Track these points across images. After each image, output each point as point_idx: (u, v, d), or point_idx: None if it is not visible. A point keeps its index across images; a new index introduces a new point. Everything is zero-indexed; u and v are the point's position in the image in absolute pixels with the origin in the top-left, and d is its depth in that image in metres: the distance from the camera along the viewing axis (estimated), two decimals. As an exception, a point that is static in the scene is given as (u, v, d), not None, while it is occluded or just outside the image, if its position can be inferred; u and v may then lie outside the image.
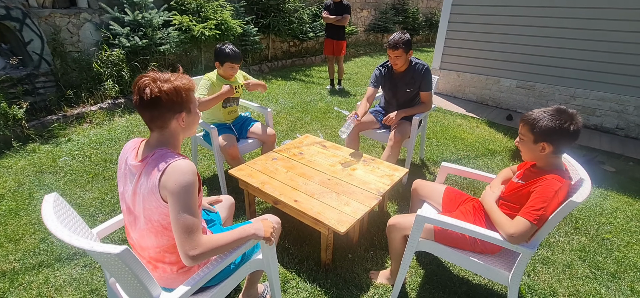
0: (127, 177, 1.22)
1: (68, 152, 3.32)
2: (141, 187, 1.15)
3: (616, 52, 4.22)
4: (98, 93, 4.27)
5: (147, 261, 1.27)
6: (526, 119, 1.51)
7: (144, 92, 1.12)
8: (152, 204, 1.14)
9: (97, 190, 2.78)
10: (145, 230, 1.19)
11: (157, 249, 1.22)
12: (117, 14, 4.68)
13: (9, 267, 2.02)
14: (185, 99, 1.20)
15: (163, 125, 1.19)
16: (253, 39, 6.38)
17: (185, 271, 1.29)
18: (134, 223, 1.23)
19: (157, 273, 1.28)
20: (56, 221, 1.09)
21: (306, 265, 2.08)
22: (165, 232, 1.18)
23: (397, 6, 11.40)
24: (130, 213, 1.23)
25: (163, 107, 1.15)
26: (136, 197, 1.18)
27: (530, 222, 1.40)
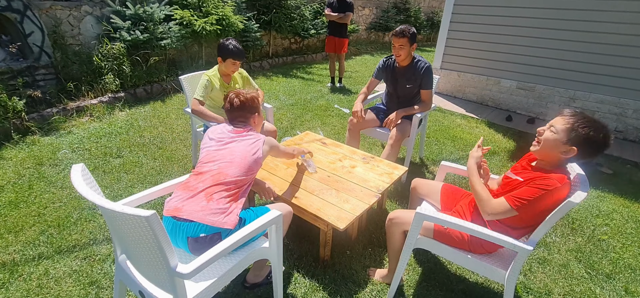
0: (224, 138, 1.76)
1: (68, 145, 3.32)
2: (241, 143, 1.73)
3: (616, 55, 4.24)
4: (98, 86, 4.27)
5: (209, 186, 1.57)
6: (568, 118, 1.43)
7: (233, 100, 1.82)
8: (250, 152, 1.70)
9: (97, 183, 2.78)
10: (234, 165, 1.64)
11: (234, 177, 1.61)
12: (119, 7, 4.67)
13: (9, 258, 2.03)
14: (256, 105, 1.89)
15: (245, 120, 1.86)
16: (254, 35, 6.37)
17: (223, 210, 1.52)
18: (215, 160, 1.67)
19: (202, 204, 1.51)
20: (86, 186, 1.13)
21: (305, 261, 2.10)
22: (247, 169, 1.67)
23: (399, 5, 11.39)
24: (212, 155, 1.70)
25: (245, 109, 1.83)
26: (234, 146, 1.72)
27: (511, 207, 1.45)
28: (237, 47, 2.59)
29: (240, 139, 1.75)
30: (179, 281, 1.16)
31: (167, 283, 1.19)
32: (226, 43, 2.58)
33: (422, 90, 2.89)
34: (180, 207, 1.51)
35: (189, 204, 1.51)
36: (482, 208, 1.55)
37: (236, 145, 1.72)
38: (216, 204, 1.51)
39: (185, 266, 1.15)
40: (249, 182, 1.71)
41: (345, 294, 1.91)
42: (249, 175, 1.69)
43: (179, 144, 3.52)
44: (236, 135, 1.76)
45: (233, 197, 1.59)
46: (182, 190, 1.59)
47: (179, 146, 3.47)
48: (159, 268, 1.18)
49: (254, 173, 1.73)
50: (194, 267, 1.15)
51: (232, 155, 1.67)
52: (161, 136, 3.65)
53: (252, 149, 1.71)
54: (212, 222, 1.46)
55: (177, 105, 4.52)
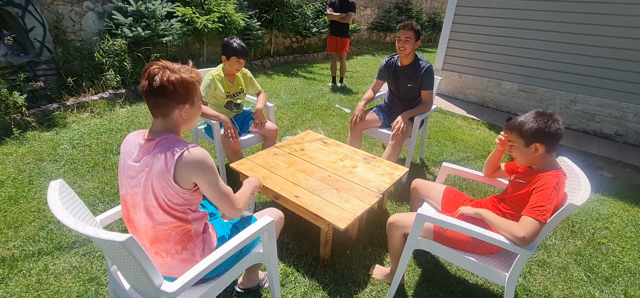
0: (131, 159, 1.24)
1: (68, 141, 3.32)
2: (150, 167, 1.19)
3: (617, 59, 4.24)
4: (99, 83, 4.26)
5: (149, 246, 1.28)
6: (511, 125, 1.59)
7: (153, 80, 1.16)
8: (162, 183, 1.18)
9: (97, 179, 2.78)
10: (147, 209, 1.22)
11: (156, 229, 1.24)
12: (120, 3, 4.66)
13: (9, 253, 2.02)
14: (190, 91, 1.24)
15: (166, 113, 1.23)
16: (256, 34, 6.36)
17: (186, 259, 1.30)
18: (136, 206, 1.26)
19: (159, 261, 1.30)
20: (62, 207, 1.09)
21: (305, 260, 2.10)
22: (169, 212, 1.22)
23: (400, 5, 11.38)
24: (131, 197, 1.26)
25: (168, 96, 1.19)
26: (141, 176, 1.20)
27: (538, 220, 1.41)
28: (241, 45, 2.58)
29: (152, 161, 1.19)
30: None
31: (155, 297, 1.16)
32: (230, 41, 2.58)
33: (422, 91, 2.89)
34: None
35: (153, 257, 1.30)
36: (514, 235, 1.44)
37: (147, 176, 1.19)
38: (172, 260, 1.29)
39: (170, 284, 1.11)
40: (197, 219, 1.32)
41: (345, 294, 1.91)
42: (188, 214, 1.27)
43: (180, 141, 3.52)
44: (146, 155, 1.20)
45: (186, 239, 1.30)
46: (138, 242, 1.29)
47: (179, 143, 3.46)
48: (145, 283, 1.13)
49: (191, 208, 1.28)
50: (179, 285, 1.11)
51: (148, 197, 1.20)
52: (162, 133, 3.65)
53: (164, 179, 1.17)
54: (187, 260, 1.30)
55: (177, 103, 4.52)
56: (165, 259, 1.29)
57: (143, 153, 1.21)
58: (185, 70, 1.23)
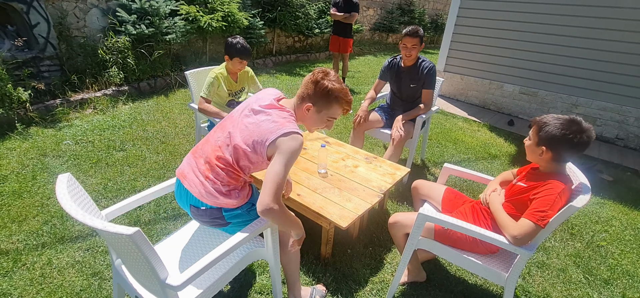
0: (258, 103, 1.46)
1: (71, 137, 3.34)
2: (261, 122, 1.39)
3: (619, 63, 4.25)
4: (102, 79, 4.28)
5: (203, 163, 1.47)
6: (537, 120, 1.55)
7: (316, 72, 1.46)
8: (255, 133, 1.38)
9: (100, 175, 2.80)
10: (230, 139, 1.42)
11: (219, 155, 1.43)
12: (125, 1, 4.68)
13: (12, 247, 2.04)
14: (323, 98, 1.44)
15: (299, 97, 1.47)
16: (259, 32, 6.38)
17: (224, 194, 1.43)
18: (224, 129, 1.48)
19: (199, 181, 1.45)
20: (70, 200, 1.11)
21: (306, 259, 2.11)
22: (239, 158, 1.41)
23: (403, 6, 11.38)
24: (224, 129, 1.48)
25: (307, 86, 1.45)
26: (251, 120, 1.42)
27: (535, 223, 1.42)
28: (244, 46, 2.60)
29: (265, 113, 1.41)
30: (171, 292, 1.15)
31: (160, 291, 1.18)
32: (233, 42, 2.59)
33: (423, 90, 2.91)
34: (186, 174, 1.49)
35: (191, 174, 1.47)
36: (508, 233, 1.48)
37: (253, 125, 1.40)
38: (212, 185, 1.42)
39: (175, 277, 1.13)
40: (245, 171, 1.46)
41: (345, 292, 1.93)
42: (245, 163, 1.43)
43: (182, 138, 3.54)
44: (265, 108, 1.42)
45: (233, 179, 1.45)
46: (192, 153, 1.54)
47: (181, 141, 3.48)
48: (150, 277, 1.16)
49: (253, 166, 1.44)
50: (184, 278, 1.13)
51: (237, 134, 1.41)
52: (164, 130, 3.67)
53: (264, 135, 1.35)
54: (212, 202, 1.43)
55: (180, 100, 4.54)
56: (207, 181, 1.43)
57: (269, 107, 1.43)
58: (339, 86, 1.45)
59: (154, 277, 1.12)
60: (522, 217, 1.48)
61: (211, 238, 1.65)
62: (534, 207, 1.46)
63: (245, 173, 1.47)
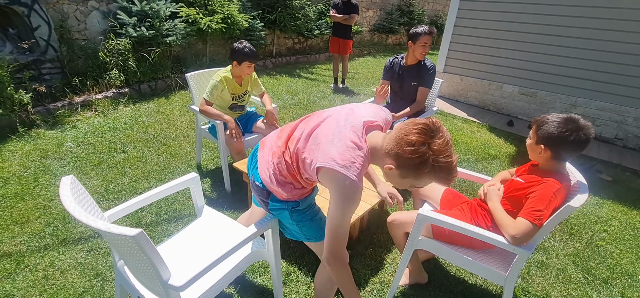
0: (337, 115, 1.28)
1: (73, 139, 3.35)
2: (325, 141, 1.19)
3: (618, 63, 4.27)
4: (103, 82, 4.30)
5: (270, 148, 1.42)
6: (537, 118, 1.57)
7: (418, 129, 1.08)
8: (318, 148, 1.19)
9: (102, 177, 2.82)
10: (302, 138, 1.27)
11: (286, 151, 1.33)
12: (125, 3, 4.70)
13: (15, 249, 2.06)
14: (415, 168, 1.10)
15: (386, 150, 1.15)
16: (259, 34, 6.40)
17: (281, 183, 1.36)
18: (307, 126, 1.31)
19: (265, 162, 1.41)
20: (74, 202, 1.13)
21: (306, 259, 2.13)
22: (299, 165, 1.29)
23: (403, 7, 11.41)
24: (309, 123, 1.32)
25: (399, 143, 1.11)
26: (325, 127, 1.25)
27: (531, 223, 1.43)
28: (251, 49, 2.59)
29: (333, 141, 1.17)
30: (173, 293, 1.16)
31: (162, 292, 1.19)
32: (240, 47, 2.57)
33: (419, 87, 2.95)
34: (264, 146, 1.49)
35: (267, 149, 1.44)
36: (506, 232, 1.49)
37: (322, 140, 1.20)
38: (273, 169, 1.37)
39: (178, 278, 1.14)
40: (301, 175, 1.32)
41: (345, 292, 1.94)
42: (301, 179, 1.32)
43: (183, 140, 3.55)
44: (346, 131, 1.19)
45: (291, 175, 1.33)
46: (279, 130, 1.46)
47: (182, 143, 3.50)
48: (153, 278, 1.17)
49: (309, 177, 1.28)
50: (187, 278, 1.14)
51: (322, 131, 1.23)
52: (165, 132, 3.68)
53: (318, 157, 1.17)
54: (267, 185, 1.39)
55: (181, 102, 4.55)
56: (268, 168, 1.38)
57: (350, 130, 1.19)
58: (447, 154, 1.07)
59: (157, 278, 1.14)
60: (519, 215, 1.49)
61: (213, 239, 1.67)
62: (530, 206, 1.47)
63: (301, 177, 1.33)
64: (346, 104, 1.37)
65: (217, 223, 1.78)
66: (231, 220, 1.83)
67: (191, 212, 2.50)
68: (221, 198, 2.71)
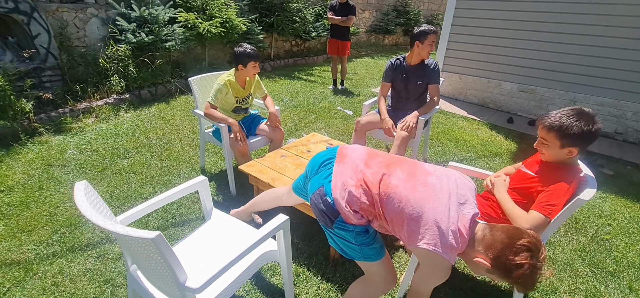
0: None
1: (75, 146, 3.34)
2: (444, 214, 1.21)
3: (616, 58, 4.31)
4: (104, 88, 4.30)
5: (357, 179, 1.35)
6: (551, 125, 1.50)
7: (523, 240, 1.13)
8: (424, 221, 1.21)
9: (106, 183, 2.81)
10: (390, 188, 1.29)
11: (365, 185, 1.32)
12: (124, 9, 4.70)
13: (23, 257, 2.05)
14: (507, 274, 1.15)
15: (485, 243, 1.21)
16: (257, 37, 6.42)
17: (349, 203, 1.32)
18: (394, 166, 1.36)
19: (346, 186, 1.34)
20: (90, 207, 1.13)
21: (315, 260, 2.13)
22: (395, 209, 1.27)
23: (399, 8, 11.46)
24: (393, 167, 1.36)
25: (503, 243, 1.16)
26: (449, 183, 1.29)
27: (545, 216, 1.44)
28: (253, 49, 2.62)
29: (448, 218, 1.20)
30: (190, 295, 1.17)
31: (178, 295, 1.19)
32: (243, 49, 2.59)
33: (430, 85, 3.00)
34: (345, 160, 1.42)
35: (347, 167, 1.38)
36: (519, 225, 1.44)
37: (442, 208, 1.21)
38: (349, 195, 1.31)
39: (195, 280, 1.14)
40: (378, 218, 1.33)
41: (356, 292, 1.94)
42: (391, 216, 1.29)
43: (186, 145, 3.55)
44: (455, 208, 1.23)
45: (365, 210, 1.32)
46: (367, 155, 1.43)
47: (185, 147, 3.50)
48: (169, 281, 1.17)
49: (390, 226, 1.32)
50: (204, 280, 1.15)
51: (430, 206, 1.22)
52: (167, 137, 3.68)
53: (424, 235, 1.20)
54: (339, 206, 1.32)
55: (182, 107, 4.55)
56: (345, 191, 1.33)
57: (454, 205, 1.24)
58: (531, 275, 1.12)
59: (173, 281, 1.14)
60: (532, 208, 1.50)
61: (225, 241, 1.67)
62: (544, 200, 1.48)
63: (384, 221, 1.32)
64: (447, 170, 1.37)
65: (227, 226, 1.78)
66: (241, 222, 1.83)
67: (198, 215, 2.50)
68: (227, 201, 2.71)
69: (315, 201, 1.40)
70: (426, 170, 1.34)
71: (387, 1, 11.17)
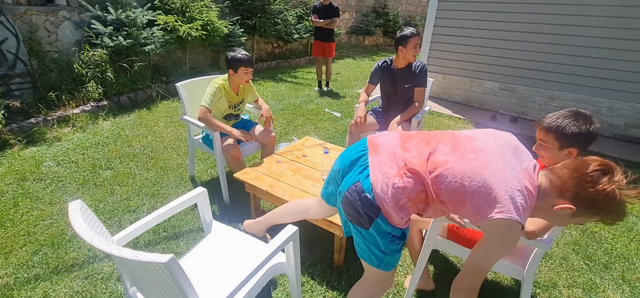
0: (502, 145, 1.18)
1: (52, 158, 3.13)
2: (505, 175, 1.08)
3: (591, 57, 4.49)
4: (80, 95, 4.06)
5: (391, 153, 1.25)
6: (549, 126, 1.50)
7: (593, 166, 1.06)
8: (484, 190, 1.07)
9: (89, 197, 2.64)
10: (439, 149, 1.19)
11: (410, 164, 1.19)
12: (99, 12, 4.47)
13: (2, 282, 1.88)
14: (592, 208, 1.04)
15: (557, 187, 1.10)
16: (239, 40, 6.29)
17: (392, 195, 1.18)
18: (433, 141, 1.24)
19: (390, 181, 1.20)
20: (90, 229, 1.03)
21: (319, 268, 2.07)
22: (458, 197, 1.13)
23: (378, 9, 11.58)
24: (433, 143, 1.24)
25: (577, 180, 1.06)
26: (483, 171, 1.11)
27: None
28: (246, 54, 2.54)
29: (511, 182, 1.08)
30: None
31: None
32: (234, 54, 2.50)
33: (416, 88, 2.96)
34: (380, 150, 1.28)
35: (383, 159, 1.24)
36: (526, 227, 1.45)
37: (499, 174, 1.09)
38: (394, 188, 1.17)
39: None
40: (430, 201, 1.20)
41: (362, 299, 1.90)
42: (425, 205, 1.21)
43: (172, 152, 3.40)
44: (517, 172, 1.11)
45: (413, 201, 1.20)
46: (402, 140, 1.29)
47: (172, 155, 3.35)
48: None
49: (448, 206, 1.19)
50: None
51: (478, 171, 1.11)
52: (151, 145, 3.52)
53: (492, 203, 1.07)
54: (381, 201, 1.19)
55: (164, 113, 4.38)
56: (386, 184, 1.19)
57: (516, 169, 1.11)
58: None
59: (183, 302, 1.06)
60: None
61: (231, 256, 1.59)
62: None
63: (438, 204, 1.20)
64: (485, 130, 1.27)
65: (230, 239, 1.70)
66: (243, 234, 1.75)
67: (191, 227, 2.39)
68: (221, 210, 2.61)
69: (351, 198, 1.24)
70: (468, 137, 1.23)
71: (366, 2, 11.26)
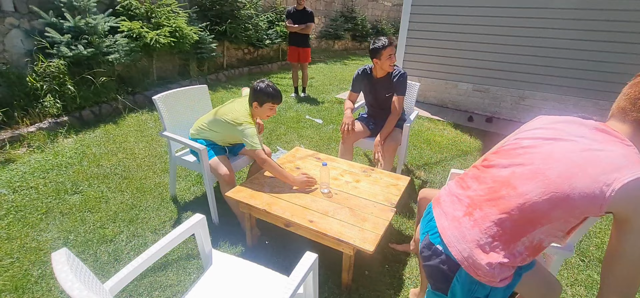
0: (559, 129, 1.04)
1: (5, 185, 2.75)
2: (590, 150, 0.94)
3: (557, 57, 4.74)
4: (35, 111, 3.64)
5: (465, 208, 1.09)
6: None
7: None
8: (572, 183, 0.92)
9: (56, 228, 2.33)
10: (538, 179, 0.98)
11: (523, 203, 0.98)
12: (54, 19, 4.05)
13: (-47, 341, 1.57)
14: None
15: (635, 121, 0.97)
16: (209, 47, 6.01)
17: (495, 250, 1.01)
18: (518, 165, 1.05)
19: (465, 223, 1.06)
20: (82, 285, 0.84)
21: (327, 288, 1.94)
22: (528, 220, 0.98)
23: (345, 14, 11.66)
24: (513, 158, 1.07)
25: None
26: (566, 147, 0.98)
27: None
28: (275, 89, 2.30)
29: (595, 142, 0.96)
30: None
31: None
32: (263, 88, 2.27)
33: (394, 96, 2.84)
34: (436, 202, 1.21)
35: (445, 204, 1.14)
36: None
37: (573, 146, 0.98)
38: (482, 232, 1.03)
39: None
40: (542, 223, 0.98)
41: (376, 319, 1.80)
42: (553, 212, 0.96)
43: (147, 170, 3.12)
44: (592, 133, 0.99)
45: (507, 238, 1.02)
46: (447, 196, 1.18)
47: (147, 173, 3.07)
48: None
49: (553, 235, 1.01)
50: None
51: (550, 160, 0.98)
52: (123, 164, 3.21)
53: (611, 172, 0.88)
54: (485, 280, 1.03)
55: (134, 127, 4.04)
56: (473, 230, 1.04)
57: (596, 132, 0.99)
58: None
59: None
60: None
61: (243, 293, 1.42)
62: None
63: (528, 233, 1.01)
64: (545, 118, 1.16)
65: (236, 271, 1.53)
66: (248, 263, 1.58)
67: (181, 254, 2.16)
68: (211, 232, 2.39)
69: (425, 254, 1.11)
70: (519, 143, 1.10)
71: (334, 7, 11.30)
